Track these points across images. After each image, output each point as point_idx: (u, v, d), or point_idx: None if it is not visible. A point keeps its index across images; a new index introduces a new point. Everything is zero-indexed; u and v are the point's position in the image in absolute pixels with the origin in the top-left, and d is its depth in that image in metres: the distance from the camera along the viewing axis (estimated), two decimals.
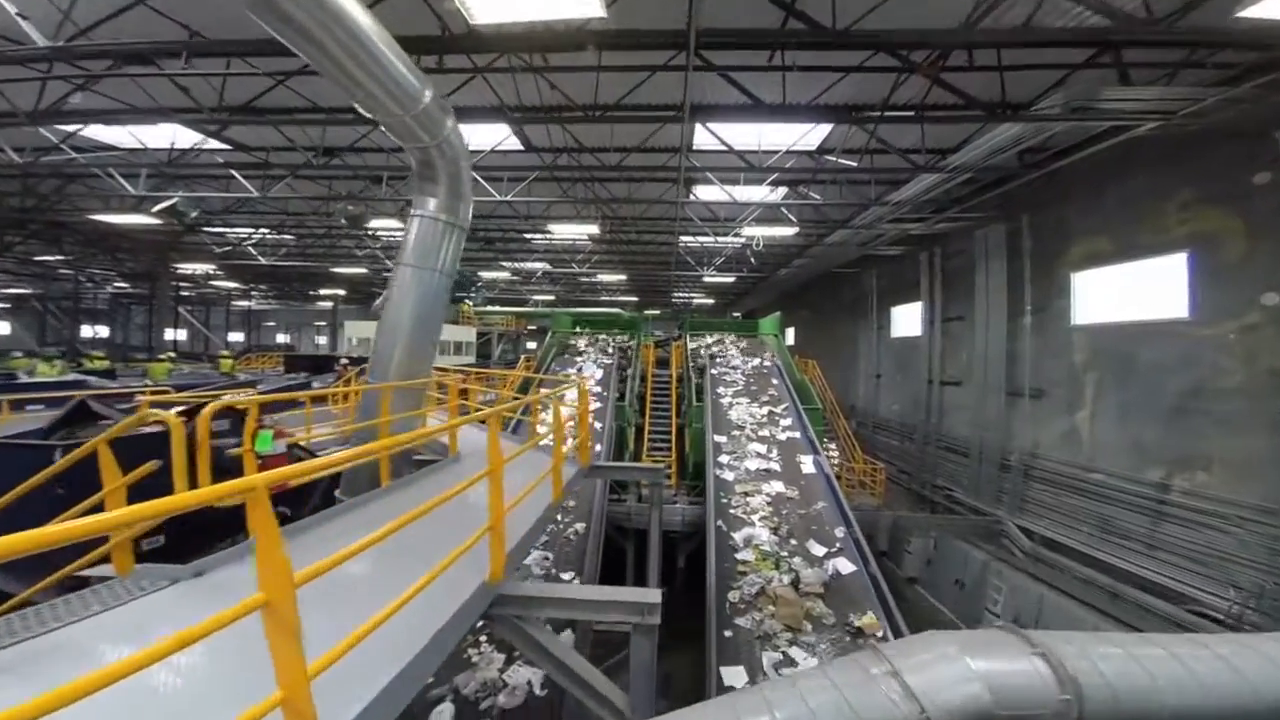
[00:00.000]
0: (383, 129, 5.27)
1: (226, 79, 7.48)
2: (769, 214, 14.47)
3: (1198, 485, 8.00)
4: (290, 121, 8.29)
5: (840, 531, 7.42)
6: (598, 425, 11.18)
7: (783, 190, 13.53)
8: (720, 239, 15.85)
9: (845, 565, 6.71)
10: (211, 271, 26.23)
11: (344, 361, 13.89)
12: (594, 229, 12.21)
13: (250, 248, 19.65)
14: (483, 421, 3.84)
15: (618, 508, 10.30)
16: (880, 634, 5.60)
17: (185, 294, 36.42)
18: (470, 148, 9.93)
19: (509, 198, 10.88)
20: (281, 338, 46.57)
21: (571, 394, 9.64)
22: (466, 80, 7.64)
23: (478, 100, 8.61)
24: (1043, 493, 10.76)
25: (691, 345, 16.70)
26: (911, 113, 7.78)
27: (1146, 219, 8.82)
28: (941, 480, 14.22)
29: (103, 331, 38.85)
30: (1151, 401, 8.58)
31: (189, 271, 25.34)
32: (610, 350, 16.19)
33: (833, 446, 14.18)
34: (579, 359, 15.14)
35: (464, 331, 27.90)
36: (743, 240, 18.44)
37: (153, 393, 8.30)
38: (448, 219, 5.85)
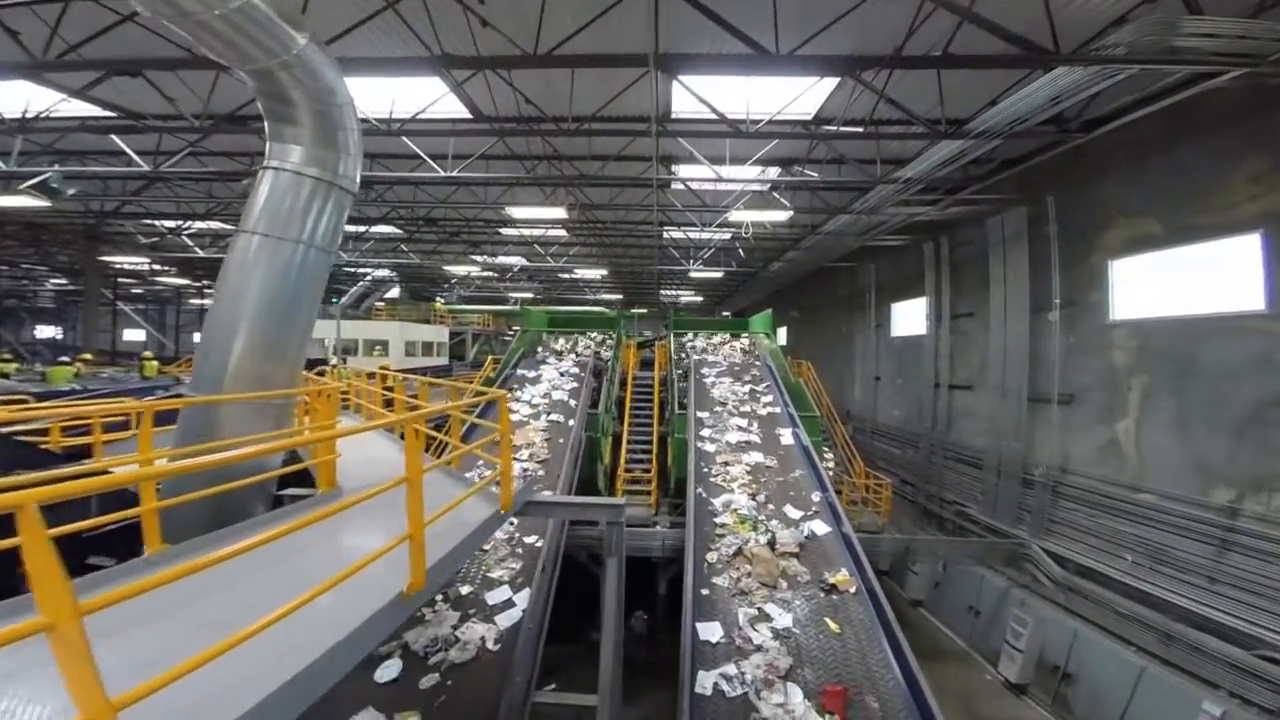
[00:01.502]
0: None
1: (63, 16, 5.79)
2: (759, 201, 13.00)
3: (1276, 510, 6.62)
4: (135, 65, 6.49)
5: (816, 496, 7.59)
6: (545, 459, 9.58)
7: (774, 171, 12.05)
8: (706, 229, 14.32)
9: (821, 527, 6.85)
10: (155, 266, 24.24)
11: None
12: (560, 212, 10.59)
13: (186, 238, 17.77)
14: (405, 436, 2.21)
15: (589, 530, 8.78)
16: (854, 589, 5.76)
17: (138, 292, 34.23)
18: (397, 114, 8.32)
19: (455, 173, 9.22)
20: None
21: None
22: (373, 14, 5.98)
23: (402, 49, 6.99)
24: (1074, 513, 9.37)
25: (676, 345, 15.21)
26: (938, 55, 6.26)
27: (1206, 195, 7.39)
28: (952, 494, 12.83)
29: (56, 332, 36.58)
30: (1217, 410, 7.16)
31: (128, 266, 23.32)
32: (585, 350, 14.63)
33: (830, 455, 12.75)
34: (549, 361, 13.55)
35: (435, 331, 26.19)
36: (730, 232, 16.97)
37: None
38: (318, 174, 4.24)
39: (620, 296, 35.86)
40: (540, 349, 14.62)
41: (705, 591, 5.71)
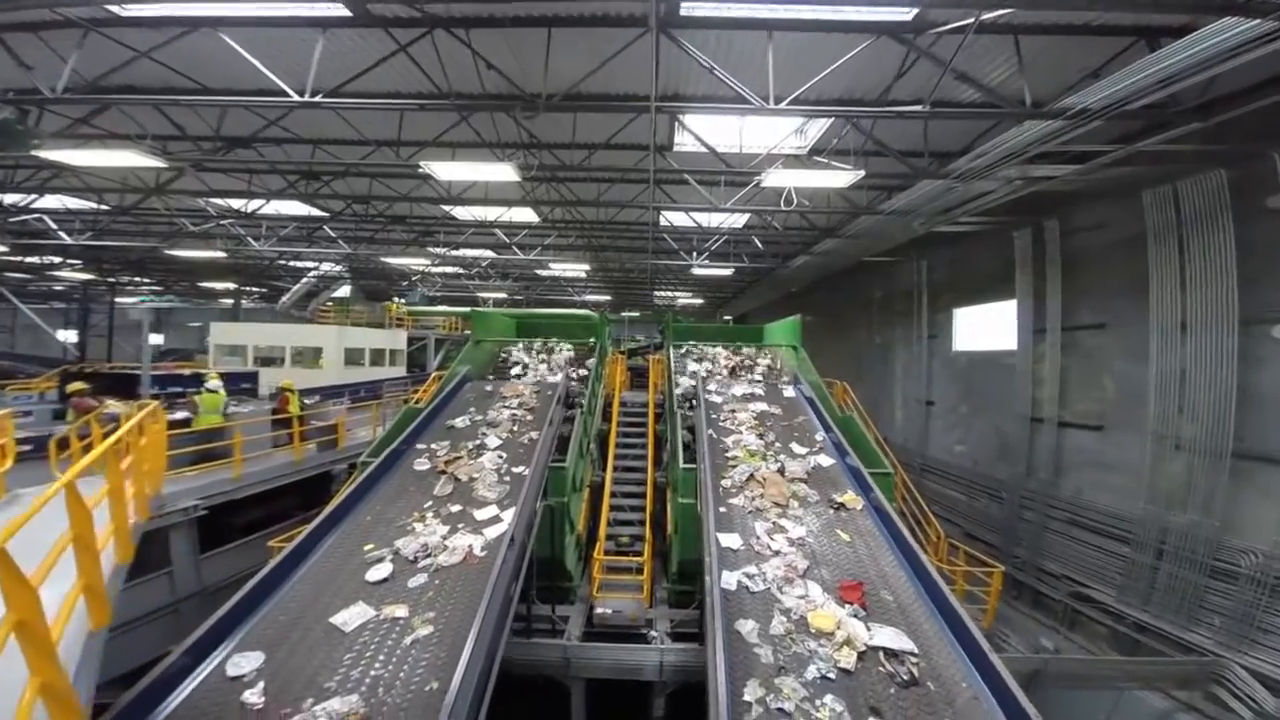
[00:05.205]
0: None
1: None
2: (797, 165, 9.46)
3: None
4: None
5: (820, 435, 7.85)
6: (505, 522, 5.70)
7: (821, 126, 8.55)
8: (718, 210, 10.75)
9: (826, 460, 7.13)
10: (50, 260, 20.13)
11: (77, 390, 8.08)
12: (509, 172, 6.89)
13: (49, 220, 13.78)
14: None
15: (538, 645, 6.29)
16: (860, 507, 6.03)
17: (59, 290, 29.93)
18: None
19: (320, 98, 5.47)
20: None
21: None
22: None
23: None
24: None
25: (676, 360, 11.53)
26: None
27: None
28: (1056, 565, 9.41)
29: None
30: None
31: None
32: (556, 366, 10.92)
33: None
34: (503, 391, 9.60)
35: (388, 336, 22.27)
36: (746, 215, 13.45)
37: None
38: None
39: (609, 298, 32.20)
40: (503, 363, 10.92)
41: (723, 510, 5.97)
